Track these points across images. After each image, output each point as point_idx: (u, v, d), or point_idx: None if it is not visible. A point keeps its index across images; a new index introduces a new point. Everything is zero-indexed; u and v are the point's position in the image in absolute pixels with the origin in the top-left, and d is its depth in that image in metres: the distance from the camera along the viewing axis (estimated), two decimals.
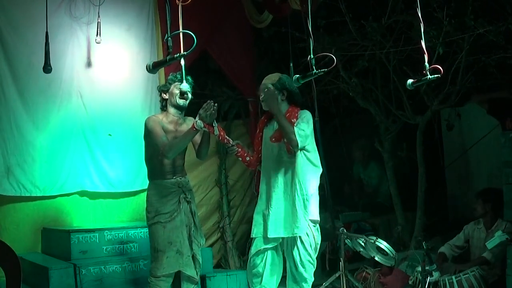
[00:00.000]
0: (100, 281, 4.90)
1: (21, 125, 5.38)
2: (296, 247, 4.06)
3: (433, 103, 5.76)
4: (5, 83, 5.27)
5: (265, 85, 4.11)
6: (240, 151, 4.12)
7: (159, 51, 6.05)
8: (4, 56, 5.27)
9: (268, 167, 4.13)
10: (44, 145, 5.48)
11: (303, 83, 3.75)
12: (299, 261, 4.05)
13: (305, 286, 4.10)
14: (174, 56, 3.27)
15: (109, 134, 5.79)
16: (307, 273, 4.08)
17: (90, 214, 5.81)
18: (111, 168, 5.81)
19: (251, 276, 4.18)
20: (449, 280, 4.59)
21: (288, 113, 4.07)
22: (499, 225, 4.89)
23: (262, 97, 4.11)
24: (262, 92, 4.12)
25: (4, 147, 5.28)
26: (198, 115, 3.92)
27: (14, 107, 5.33)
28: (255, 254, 4.11)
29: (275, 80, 4.11)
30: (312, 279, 4.13)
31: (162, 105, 4.35)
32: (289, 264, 4.13)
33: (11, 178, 5.31)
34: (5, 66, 5.27)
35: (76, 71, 5.66)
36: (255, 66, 6.75)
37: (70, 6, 5.60)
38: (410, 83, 3.56)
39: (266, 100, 4.02)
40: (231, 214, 6.54)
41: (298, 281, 4.10)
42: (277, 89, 4.08)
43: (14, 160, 5.32)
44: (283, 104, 4.12)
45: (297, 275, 4.08)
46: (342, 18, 5.64)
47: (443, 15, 5.02)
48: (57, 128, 5.56)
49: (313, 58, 3.38)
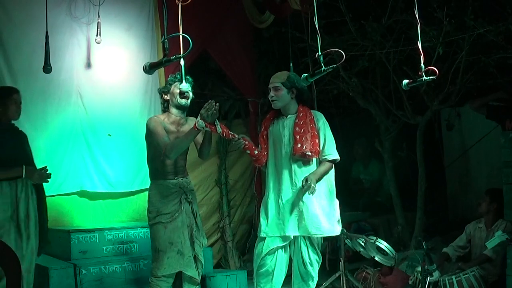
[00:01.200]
0: (100, 281, 4.90)
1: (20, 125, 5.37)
2: (305, 245, 4.07)
3: (433, 103, 5.76)
4: (4, 82, 5.27)
5: (274, 84, 4.11)
6: (248, 144, 4.10)
7: (159, 51, 6.04)
8: (3, 56, 5.26)
9: (279, 166, 4.13)
10: (43, 145, 5.46)
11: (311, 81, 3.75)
12: (307, 259, 4.07)
13: (311, 284, 4.12)
14: (170, 58, 3.28)
15: (108, 134, 5.79)
16: (314, 271, 4.11)
17: (90, 214, 5.81)
18: (110, 168, 5.80)
19: (259, 276, 4.16)
20: (449, 280, 4.59)
21: (301, 113, 4.08)
22: (500, 225, 4.89)
23: (272, 96, 4.11)
24: (272, 90, 4.12)
25: None
26: (199, 115, 3.93)
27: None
28: (267, 254, 4.10)
29: (284, 79, 4.11)
30: (317, 277, 4.15)
31: (164, 107, 4.34)
32: (296, 263, 4.13)
33: None
34: (4, 66, 5.27)
35: (75, 71, 5.65)
36: (255, 66, 6.75)
37: (70, 6, 5.60)
38: (406, 83, 3.57)
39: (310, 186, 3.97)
40: (231, 214, 6.54)
41: (305, 279, 4.11)
42: (287, 87, 4.09)
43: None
44: (292, 103, 4.13)
45: (304, 273, 4.10)
46: (342, 18, 5.64)
47: (443, 15, 5.02)
48: (56, 128, 5.55)
49: (322, 55, 3.37)
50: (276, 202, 4.11)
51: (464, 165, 6.82)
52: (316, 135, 4.04)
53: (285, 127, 4.12)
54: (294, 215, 4.04)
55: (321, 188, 4.05)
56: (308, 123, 4.04)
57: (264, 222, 4.13)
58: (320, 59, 3.32)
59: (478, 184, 6.45)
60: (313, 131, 4.03)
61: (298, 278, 4.14)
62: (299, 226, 4.03)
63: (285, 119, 4.16)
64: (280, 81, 4.10)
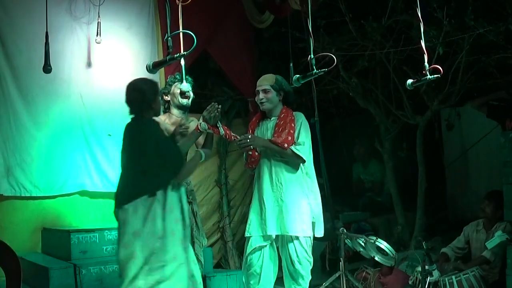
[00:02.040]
0: (100, 281, 4.89)
1: (21, 125, 5.37)
2: (292, 244, 4.07)
3: (433, 103, 5.76)
4: (5, 82, 5.27)
5: (263, 86, 4.15)
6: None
7: (159, 50, 6.04)
8: (4, 55, 5.27)
9: (261, 167, 4.17)
10: (44, 145, 5.47)
11: (303, 83, 3.76)
12: (295, 258, 4.07)
13: (302, 283, 4.11)
14: (174, 56, 3.28)
15: (108, 134, 5.79)
16: (304, 270, 4.10)
17: (90, 214, 5.81)
18: (111, 168, 5.79)
19: (249, 277, 4.18)
20: (449, 280, 4.58)
21: (283, 114, 4.12)
22: (498, 226, 4.88)
23: (262, 99, 4.13)
24: (261, 93, 4.14)
25: (3, 147, 5.28)
26: (201, 117, 3.94)
27: (13, 106, 5.32)
28: (251, 253, 4.12)
29: (273, 81, 4.17)
30: (309, 276, 4.14)
31: (165, 107, 4.34)
32: (285, 262, 4.14)
33: (10, 178, 5.30)
34: (6, 65, 5.27)
35: (76, 71, 5.65)
36: (255, 66, 6.75)
37: (70, 6, 5.60)
38: (410, 83, 3.56)
39: (253, 141, 4.02)
40: (231, 214, 6.54)
41: (295, 278, 4.11)
42: (275, 90, 4.15)
43: (14, 161, 5.31)
44: (279, 105, 4.20)
45: (293, 272, 4.10)
46: (342, 18, 5.64)
47: (443, 15, 5.02)
48: (57, 128, 5.55)
49: (313, 58, 3.38)
50: (258, 202, 4.16)
51: (464, 165, 6.81)
52: (291, 132, 4.07)
53: (268, 129, 4.18)
54: (274, 215, 4.08)
55: (294, 188, 4.09)
56: (288, 122, 4.09)
57: (248, 222, 4.20)
58: (312, 62, 3.34)
59: (478, 184, 6.45)
60: (290, 129, 4.07)
61: (288, 277, 4.15)
62: (279, 225, 4.07)
63: (269, 121, 4.22)
64: (269, 83, 4.16)
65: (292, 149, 4.03)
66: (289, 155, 4.05)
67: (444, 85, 5.56)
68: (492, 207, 4.94)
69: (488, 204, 4.98)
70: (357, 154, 7.29)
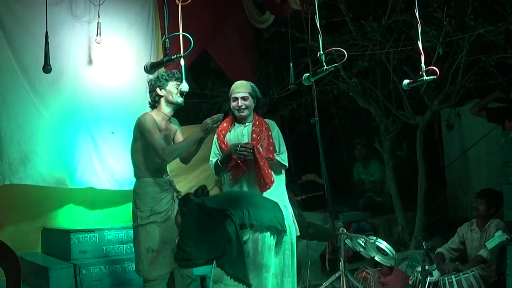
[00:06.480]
0: (100, 281, 4.91)
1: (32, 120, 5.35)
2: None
3: (433, 103, 5.76)
4: (17, 76, 5.26)
5: (242, 94, 4.20)
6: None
7: (159, 50, 6.05)
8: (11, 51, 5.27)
9: (245, 176, 4.14)
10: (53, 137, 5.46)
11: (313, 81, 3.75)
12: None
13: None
14: (172, 58, 3.29)
15: (111, 132, 5.79)
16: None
17: (90, 214, 5.81)
18: (117, 166, 5.76)
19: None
20: (449, 280, 4.58)
21: (257, 121, 4.19)
22: (492, 224, 4.87)
23: (241, 106, 4.15)
24: (240, 100, 4.18)
25: (19, 135, 5.26)
26: (204, 123, 4.06)
27: (24, 96, 5.32)
28: None
29: (250, 89, 4.25)
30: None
31: (155, 101, 4.28)
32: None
33: (28, 167, 5.26)
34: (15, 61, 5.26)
35: (79, 69, 5.66)
36: (255, 66, 6.75)
37: (71, 5, 5.61)
38: (406, 83, 3.56)
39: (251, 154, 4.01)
40: None
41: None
42: (252, 97, 4.23)
43: (31, 149, 5.30)
44: (253, 112, 4.26)
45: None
46: (342, 18, 5.64)
47: (443, 15, 5.02)
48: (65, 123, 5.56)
49: (323, 54, 3.37)
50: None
51: (464, 165, 6.81)
52: (271, 142, 4.14)
53: (244, 134, 4.19)
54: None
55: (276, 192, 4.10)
56: (264, 131, 4.15)
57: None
58: (322, 58, 3.32)
59: (478, 184, 6.44)
60: (269, 139, 4.13)
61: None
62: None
63: (244, 127, 4.23)
64: (247, 90, 4.22)
65: (278, 159, 4.12)
66: (276, 164, 4.11)
67: (444, 85, 5.56)
68: (485, 205, 4.95)
69: (480, 202, 4.99)
70: (357, 154, 7.29)
